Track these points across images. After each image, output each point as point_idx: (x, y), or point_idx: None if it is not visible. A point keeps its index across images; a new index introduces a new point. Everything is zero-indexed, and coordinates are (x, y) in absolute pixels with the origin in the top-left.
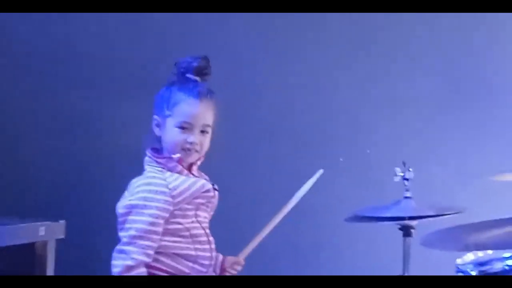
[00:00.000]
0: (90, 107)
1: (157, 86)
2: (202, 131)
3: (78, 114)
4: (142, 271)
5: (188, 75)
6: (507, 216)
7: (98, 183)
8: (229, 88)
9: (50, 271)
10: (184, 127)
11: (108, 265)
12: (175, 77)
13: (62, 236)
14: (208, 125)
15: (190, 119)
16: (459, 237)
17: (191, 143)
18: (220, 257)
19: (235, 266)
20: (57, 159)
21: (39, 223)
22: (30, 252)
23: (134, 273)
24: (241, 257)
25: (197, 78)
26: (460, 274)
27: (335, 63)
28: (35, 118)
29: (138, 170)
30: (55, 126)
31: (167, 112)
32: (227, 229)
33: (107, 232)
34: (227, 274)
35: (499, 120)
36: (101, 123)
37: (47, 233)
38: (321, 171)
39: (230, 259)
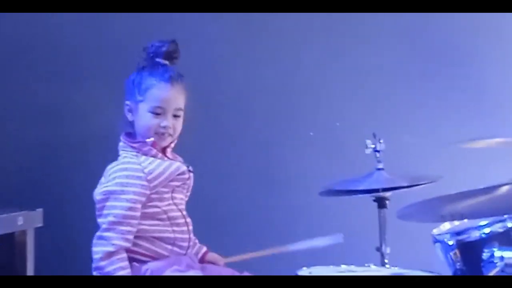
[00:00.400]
0: (62, 94)
1: (127, 71)
2: (175, 115)
3: (50, 103)
4: (122, 256)
5: (158, 60)
6: (479, 183)
7: (73, 170)
8: (201, 72)
9: (30, 260)
10: (156, 112)
11: (87, 251)
12: (144, 61)
13: (40, 225)
14: (180, 109)
15: (163, 104)
16: (434, 209)
17: (164, 127)
18: (204, 249)
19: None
20: (31, 148)
21: (17, 212)
22: (10, 242)
23: (114, 259)
24: (223, 261)
25: (167, 62)
26: (437, 244)
27: (302, 38)
28: (7, 109)
29: (113, 156)
30: (28, 115)
31: (139, 98)
32: (203, 212)
33: (84, 219)
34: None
35: (468, 88)
36: (74, 111)
37: (25, 222)
38: (341, 237)
39: (211, 256)
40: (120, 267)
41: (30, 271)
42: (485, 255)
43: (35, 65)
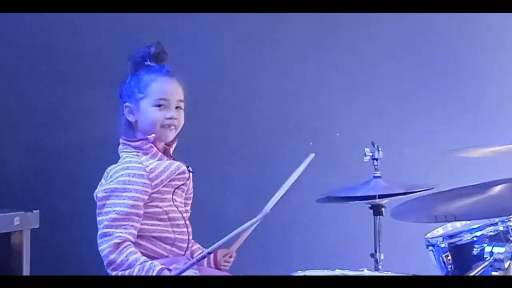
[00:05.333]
0: (61, 97)
1: (127, 73)
2: (177, 107)
3: (48, 105)
4: (130, 244)
5: (147, 63)
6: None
7: (71, 173)
8: (198, 75)
9: (26, 261)
10: (161, 104)
11: (83, 253)
12: (133, 67)
13: (36, 226)
14: (181, 101)
15: (166, 96)
16: (428, 208)
17: (169, 118)
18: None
19: (227, 258)
20: (30, 150)
21: (13, 213)
22: (6, 242)
23: (122, 248)
24: (233, 249)
25: (155, 64)
26: (430, 247)
27: (302, 48)
28: (5, 110)
29: (111, 159)
30: (27, 117)
31: (139, 95)
32: (202, 217)
33: (81, 221)
34: (221, 267)
35: (465, 98)
36: (72, 113)
37: (21, 223)
38: (312, 155)
39: (221, 252)
40: (131, 252)
41: (26, 271)
42: (475, 251)
43: (33, 67)
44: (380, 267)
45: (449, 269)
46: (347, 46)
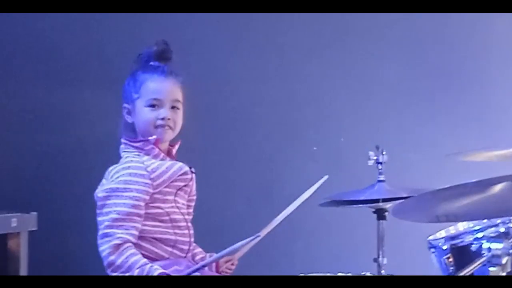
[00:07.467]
0: (59, 97)
1: (127, 73)
2: (173, 107)
3: (46, 106)
4: (131, 245)
5: (151, 63)
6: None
7: (70, 174)
8: (202, 77)
9: (23, 263)
10: (153, 104)
11: (80, 256)
12: (137, 65)
13: (34, 228)
14: (178, 101)
15: (158, 95)
16: (429, 206)
17: (162, 118)
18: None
19: (229, 264)
20: (28, 151)
21: (10, 214)
22: (2, 245)
23: (122, 249)
24: (236, 256)
25: (159, 63)
26: (432, 249)
27: (306, 51)
28: (3, 111)
29: (111, 161)
30: (25, 118)
31: (134, 96)
32: (205, 222)
33: (79, 223)
34: (223, 273)
35: (471, 102)
36: (71, 114)
37: (19, 224)
38: (325, 177)
39: (223, 258)
40: (131, 254)
41: (23, 273)
42: (474, 246)
43: (32, 67)
44: (383, 271)
45: (451, 271)
46: (352, 49)
